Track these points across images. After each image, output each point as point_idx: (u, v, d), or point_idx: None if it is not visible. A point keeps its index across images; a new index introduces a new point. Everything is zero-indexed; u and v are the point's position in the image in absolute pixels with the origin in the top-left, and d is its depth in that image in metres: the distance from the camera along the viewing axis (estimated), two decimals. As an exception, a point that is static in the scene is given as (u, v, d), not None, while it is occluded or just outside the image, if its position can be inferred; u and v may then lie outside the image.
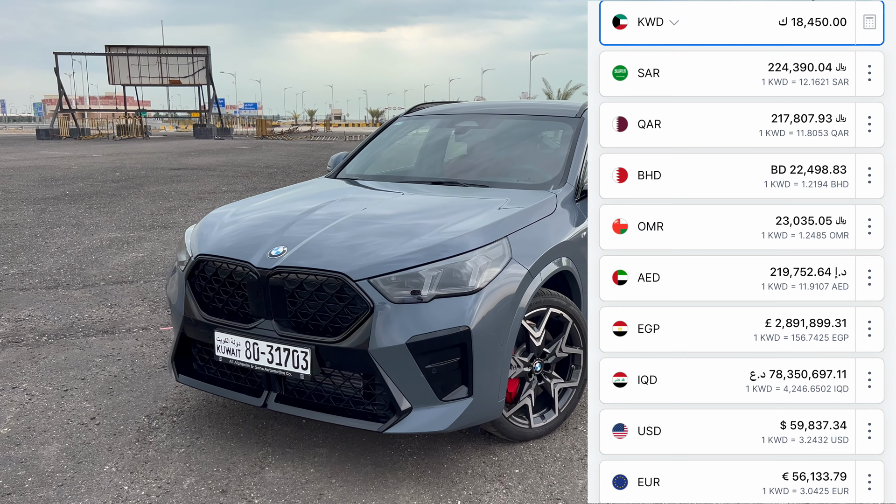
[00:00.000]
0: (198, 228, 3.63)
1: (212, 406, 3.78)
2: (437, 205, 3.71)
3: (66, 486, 2.97)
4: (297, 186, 4.54)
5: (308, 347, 2.93)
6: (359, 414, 2.98)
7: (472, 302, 2.89)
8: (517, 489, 2.96)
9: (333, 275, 2.91)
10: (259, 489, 2.95)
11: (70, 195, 12.89)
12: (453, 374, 2.92)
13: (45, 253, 7.78)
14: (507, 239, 3.10)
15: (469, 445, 3.31)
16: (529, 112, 4.88)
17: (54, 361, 4.44)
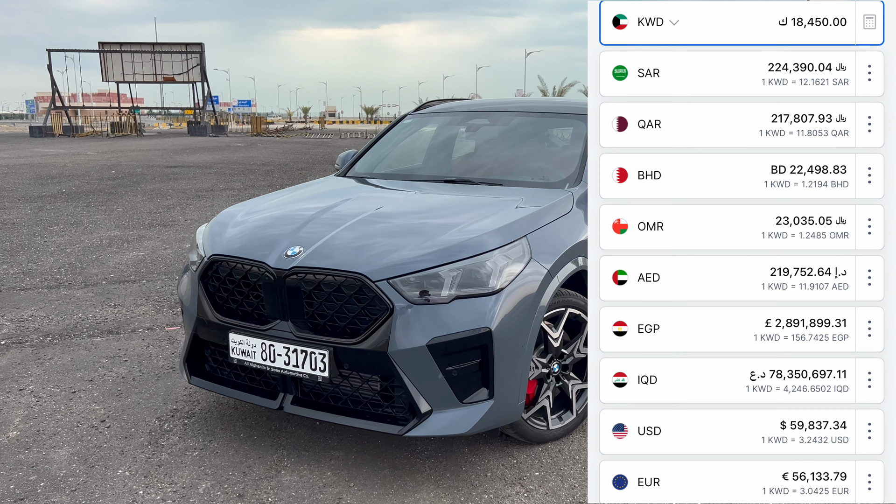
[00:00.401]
0: (210, 228, 3.59)
1: (223, 408, 3.75)
2: (453, 204, 3.68)
3: (79, 491, 2.93)
4: (308, 185, 4.49)
5: (326, 349, 2.89)
6: (377, 417, 2.94)
7: (492, 303, 2.86)
8: (538, 492, 2.93)
9: (352, 275, 2.87)
10: (276, 493, 2.92)
11: (67, 193, 12.84)
12: (474, 376, 2.88)
13: (45, 252, 7.74)
14: (526, 238, 3.07)
15: (486, 448, 3.29)
16: (541, 109, 4.85)
17: (60, 363, 4.41)
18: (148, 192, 13.02)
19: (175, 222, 9.76)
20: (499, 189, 3.88)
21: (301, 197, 4.04)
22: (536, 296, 2.98)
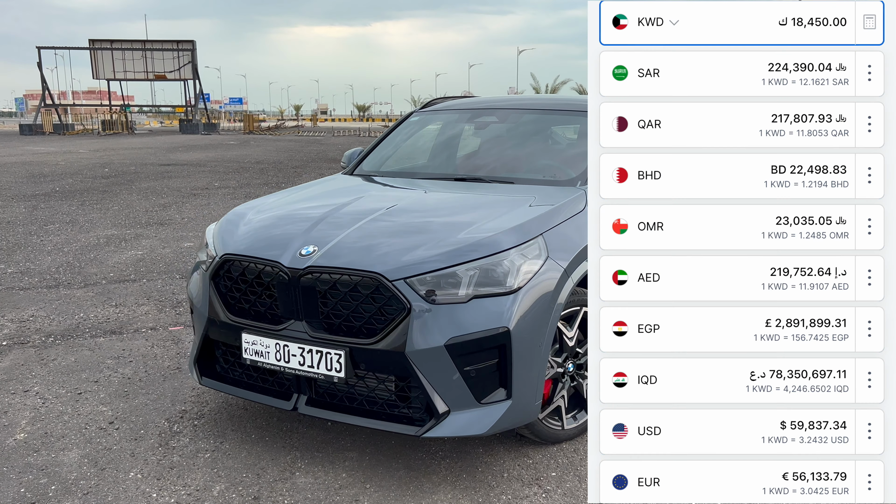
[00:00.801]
0: (220, 226, 3.55)
1: (232, 409, 3.72)
2: (466, 202, 3.66)
3: (91, 495, 2.90)
4: (316, 184, 4.46)
5: (342, 349, 2.87)
6: (394, 417, 2.92)
7: (510, 302, 2.84)
8: (556, 493, 2.92)
9: (368, 275, 2.85)
10: (293, 495, 2.90)
11: (61, 192, 12.77)
12: (492, 376, 2.86)
13: (42, 251, 7.69)
14: (542, 237, 3.04)
15: (501, 448, 3.27)
16: (549, 107, 4.83)
17: (64, 363, 4.38)
18: (143, 191, 12.97)
19: (172, 221, 9.71)
20: (510, 187, 3.87)
21: (310, 195, 4.01)
22: (553, 294, 2.96)
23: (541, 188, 3.75)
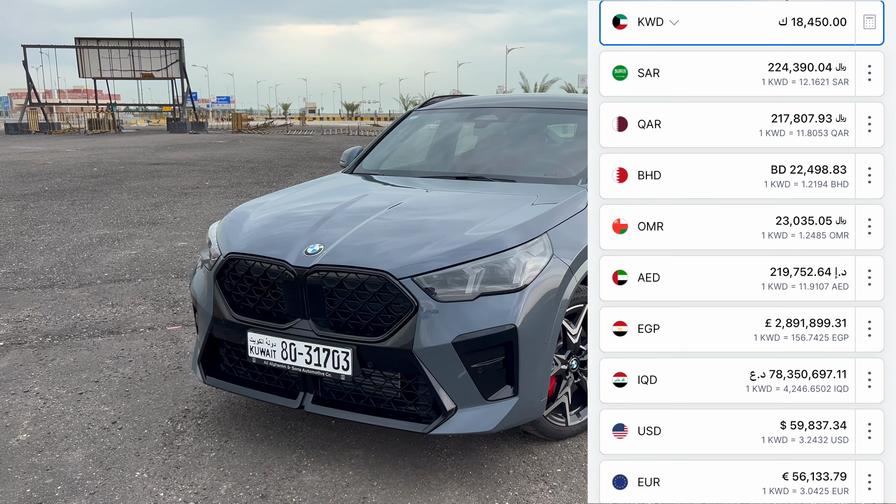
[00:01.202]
0: (224, 225, 3.55)
1: (235, 408, 3.71)
2: (470, 200, 3.67)
3: (98, 494, 2.88)
4: (317, 182, 4.45)
5: (349, 347, 2.87)
6: (401, 415, 2.93)
7: (517, 300, 2.85)
8: (563, 489, 2.93)
9: (376, 273, 2.85)
10: (300, 493, 2.90)
11: (50, 191, 12.66)
12: (498, 374, 2.88)
13: (34, 251, 7.63)
14: (547, 234, 3.06)
15: (506, 445, 3.29)
16: (549, 105, 4.84)
17: (63, 363, 4.35)
18: (133, 190, 12.88)
19: (164, 220, 9.66)
20: (512, 185, 3.88)
21: (313, 194, 4.02)
22: (559, 292, 2.98)
23: (543, 186, 3.76)
